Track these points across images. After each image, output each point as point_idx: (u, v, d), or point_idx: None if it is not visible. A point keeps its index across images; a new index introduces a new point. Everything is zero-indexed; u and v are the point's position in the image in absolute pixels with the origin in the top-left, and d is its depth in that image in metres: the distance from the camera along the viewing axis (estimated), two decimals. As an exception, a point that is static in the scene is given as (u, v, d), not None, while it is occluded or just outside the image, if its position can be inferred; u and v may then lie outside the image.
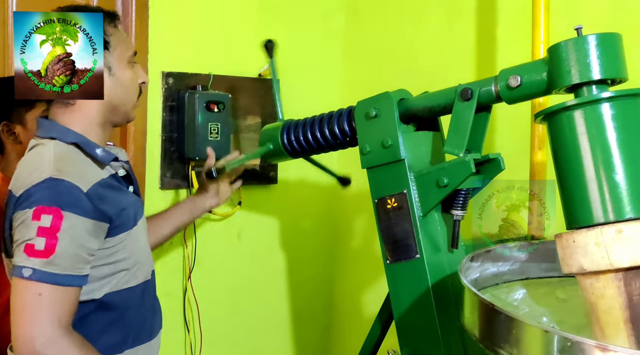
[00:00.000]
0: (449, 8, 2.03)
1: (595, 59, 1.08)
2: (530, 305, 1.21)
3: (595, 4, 1.60)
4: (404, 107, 1.41)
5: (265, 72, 2.22)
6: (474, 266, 1.21)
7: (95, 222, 1.19)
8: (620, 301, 0.99)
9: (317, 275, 2.49)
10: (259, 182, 2.25)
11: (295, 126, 1.68)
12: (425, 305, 1.34)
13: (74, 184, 1.17)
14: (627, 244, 0.97)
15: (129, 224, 1.29)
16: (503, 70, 1.23)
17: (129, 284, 1.30)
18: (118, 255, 1.26)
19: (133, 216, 1.31)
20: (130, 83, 1.33)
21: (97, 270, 1.23)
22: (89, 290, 1.22)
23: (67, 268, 1.15)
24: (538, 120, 1.13)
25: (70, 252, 1.15)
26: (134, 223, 1.31)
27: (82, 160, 1.25)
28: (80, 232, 1.16)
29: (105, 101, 1.28)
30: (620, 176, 1.01)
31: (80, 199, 1.17)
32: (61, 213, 1.14)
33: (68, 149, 1.24)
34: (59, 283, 1.13)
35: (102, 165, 1.28)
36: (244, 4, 2.19)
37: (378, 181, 1.43)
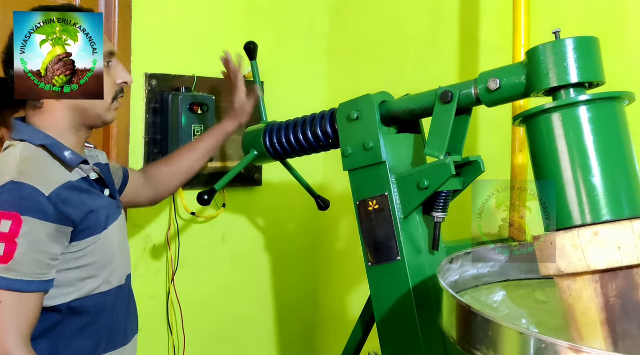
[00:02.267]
0: (432, 11, 2.04)
1: (572, 62, 1.08)
2: (509, 307, 1.21)
3: (576, 8, 1.62)
4: (386, 109, 1.41)
5: (250, 74, 2.21)
6: (453, 268, 1.22)
7: (57, 226, 1.16)
8: (597, 303, 1.00)
9: (301, 277, 2.49)
10: (244, 184, 2.24)
11: (277, 129, 1.68)
12: (406, 308, 1.34)
13: (35, 188, 1.15)
14: (604, 246, 0.98)
15: (97, 228, 1.26)
16: (483, 73, 1.24)
17: (100, 289, 1.28)
18: (86, 260, 1.24)
19: (104, 220, 1.28)
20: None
21: (63, 275, 1.21)
22: (56, 295, 1.20)
23: (27, 274, 1.13)
24: (517, 123, 1.14)
25: (29, 258, 1.13)
26: (104, 227, 1.28)
27: (48, 162, 1.22)
28: (40, 237, 1.14)
29: (70, 104, 1.24)
30: (597, 179, 1.02)
31: (41, 202, 1.14)
32: (20, 218, 1.12)
33: (35, 151, 1.22)
34: (18, 289, 1.12)
35: (70, 168, 1.25)
36: (228, 6, 2.18)
37: (360, 183, 1.43)
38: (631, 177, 1.03)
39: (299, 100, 2.29)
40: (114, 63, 1.32)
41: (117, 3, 1.91)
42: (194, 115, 1.98)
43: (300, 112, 1.76)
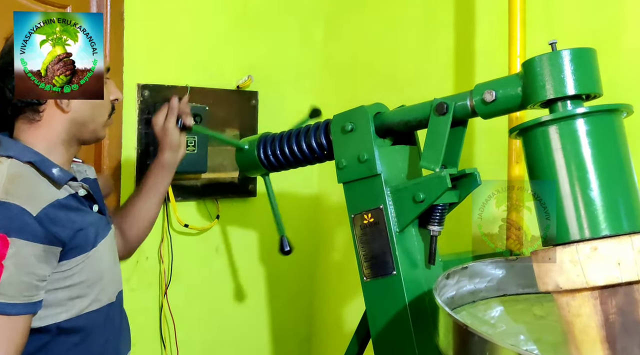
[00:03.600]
0: (427, 22, 2.03)
1: (569, 74, 1.06)
2: (507, 322, 1.19)
3: (572, 19, 1.60)
4: (380, 121, 1.39)
5: (243, 84, 2.20)
6: (449, 284, 1.19)
7: (46, 247, 1.14)
8: (596, 320, 0.98)
9: (297, 290, 2.46)
10: (238, 195, 2.22)
11: (271, 140, 1.66)
12: (402, 323, 1.32)
13: (22, 208, 1.12)
14: (603, 261, 0.96)
15: (86, 246, 1.24)
16: (478, 85, 1.22)
17: (90, 308, 1.26)
18: (75, 278, 1.22)
19: (93, 237, 1.26)
20: (101, 102, 1.27)
21: (52, 295, 1.18)
22: (45, 315, 1.18)
23: (15, 296, 1.10)
24: (513, 135, 1.12)
25: (17, 280, 1.10)
26: (93, 244, 1.26)
27: (36, 180, 1.20)
28: (27, 258, 1.12)
29: (71, 117, 1.25)
30: (596, 192, 1.00)
31: (28, 223, 1.12)
32: (7, 240, 1.09)
33: (23, 168, 1.19)
34: (5, 312, 1.09)
35: (59, 185, 1.22)
36: (222, 15, 2.17)
37: (354, 196, 1.41)
38: (630, 191, 1.01)
39: (293, 111, 2.27)
40: (108, 79, 1.32)
41: (109, 13, 1.89)
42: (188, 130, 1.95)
43: (295, 123, 1.74)
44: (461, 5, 1.90)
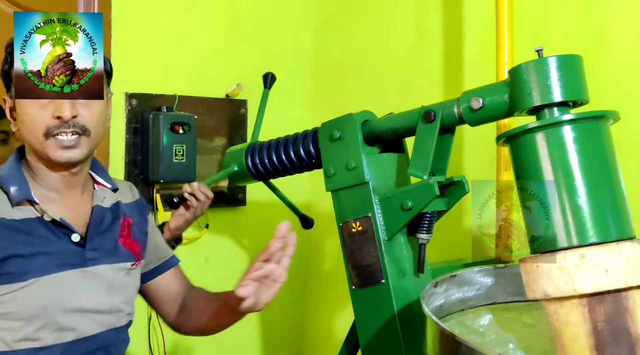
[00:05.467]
0: (416, 29, 2.03)
1: (556, 81, 1.06)
2: (496, 331, 1.18)
3: (559, 26, 1.61)
4: (368, 128, 1.39)
5: (232, 92, 2.19)
6: (438, 292, 1.18)
7: None
8: (585, 328, 0.97)
9: (287, 299, 2.44)
10: (227, 204, 2.21)
11: (260, 148, 1.65)
12: (391, 332, 1.31)
13: None
14: (591, 269, 0.95)
15: (22, 275, 1.10)
16: (465, 92, 1.22)
17: (22, 346, 1.11)
18: (6, 307, 1.10)
19: (42, 266, 1.12)
20: (30, 120, 1.14)
21: None
22: None
23: None
24: (500, 142, 1.12)
25: None
26: (38, 274, 1.11)
27: None
28: None
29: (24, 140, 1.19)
30: (583, 200, 0.99)
31: None
32: None
33: None
34: None
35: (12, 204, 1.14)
36: (211, 23, 2.16)
37: (342, 204, 1.40)
38: (617, 198, 1.01)
39: (282, 119, 2.26)
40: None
41: (97, 22, 1.88)
42: (175, 134, 1.95)
43: (284, 131, 1.73)
44: (450, 13, 1.90)
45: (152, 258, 1.37)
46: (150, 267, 1.37)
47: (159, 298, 1.41)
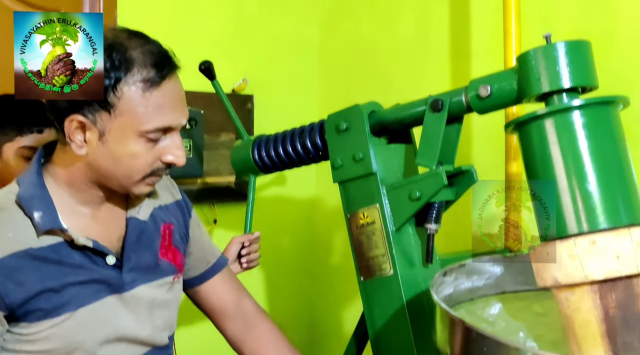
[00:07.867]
0: (422, 18, 2.02)
1: (564, 66, 1.05)
2: (506, 320, 1.17)
3: (567, 12, 1.59)
4: (375, 119, 1.38)
5: (239, 87, 2.18)
6: (447, 281, 1.18)
7: None
8: (596, 314, 0.96)
9: (296, 293, 2.44)
10: (235, 199, 2.20)
11: (266, 141, 1.65)
12: (400, 323, 1.30)
13: None
14: (601, 255, 0.94)
15: (58, 310, 1.00)
16: (473, 80, 1.21)
17: None
18: (39, 345, 1.00)
19: (79, 298, 1.02)
20: (128, 159, 1.02)
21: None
22: None
23: None
24: (509, 130, 1.11)
25: None
26: (74, 307, 1.01)
27: (14, 219, 1.01)
28: None
29: (87, 161, 1.04)
30: (593, 186, 0.98)
31: None
32: None
33: (8, 200, 1.03)
34: None
35: None
36: (217, 18, 2.16)
37: (350, 195, 1.39)
38: (628, 184, 1.00)
39: (290, 112, 2.26)
40: (174, 132, 1.09)
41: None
42: (182, 130, 1.94)
43: (292, 124, 1.72)
44: (456, 1, 1.89)
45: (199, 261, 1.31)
46: (198, 272, 1.31)
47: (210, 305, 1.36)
